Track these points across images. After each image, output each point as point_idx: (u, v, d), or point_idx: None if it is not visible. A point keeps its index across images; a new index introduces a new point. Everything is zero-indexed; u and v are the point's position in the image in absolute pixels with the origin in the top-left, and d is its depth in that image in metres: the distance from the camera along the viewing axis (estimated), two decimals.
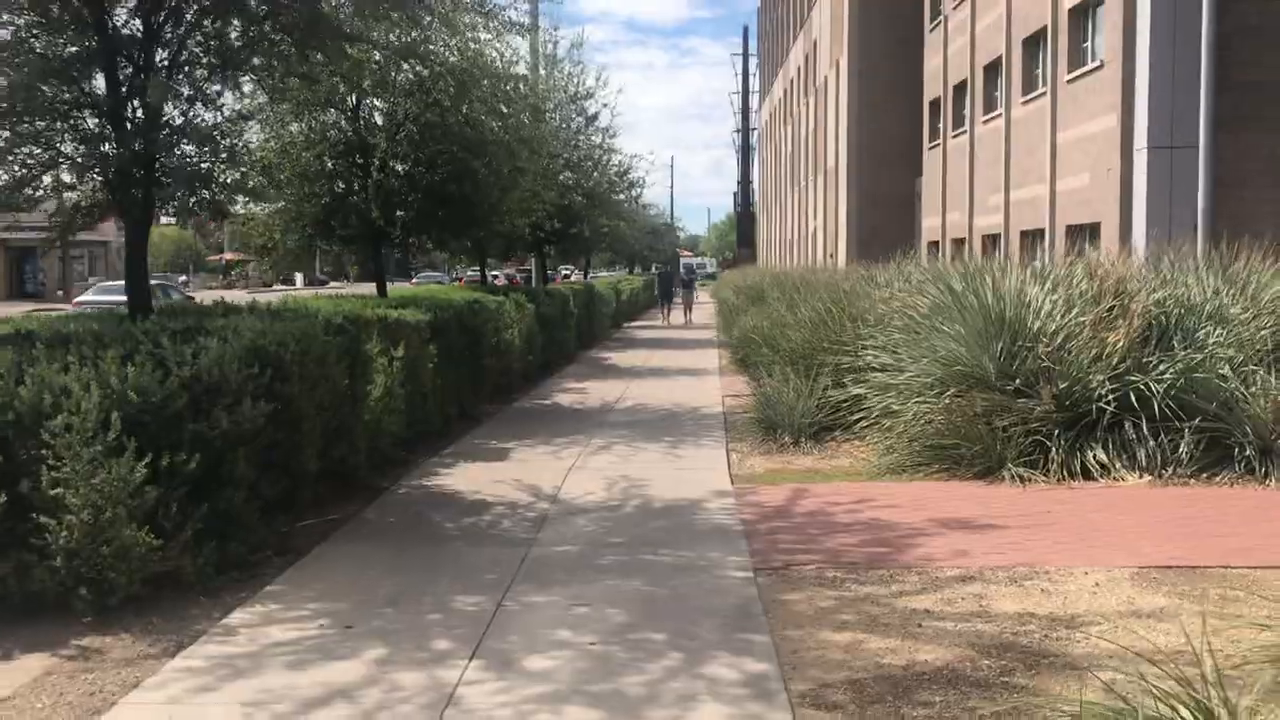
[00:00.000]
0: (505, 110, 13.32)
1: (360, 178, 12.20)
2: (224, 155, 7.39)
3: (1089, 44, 21.21)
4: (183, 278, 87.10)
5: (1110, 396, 9.20)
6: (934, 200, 32.56)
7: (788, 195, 58.90)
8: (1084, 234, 21.02)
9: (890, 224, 36.44)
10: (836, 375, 11.23)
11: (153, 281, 45.14)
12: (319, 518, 7.85)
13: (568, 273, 62.01)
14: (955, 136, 30.36)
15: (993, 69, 27.04)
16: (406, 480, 9.22)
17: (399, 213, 12.61)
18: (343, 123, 12.81)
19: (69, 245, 61.48)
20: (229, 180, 7.81)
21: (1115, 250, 17.81)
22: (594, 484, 8.89)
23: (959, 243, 30.20)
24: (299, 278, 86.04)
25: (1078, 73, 21.06)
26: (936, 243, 32.37)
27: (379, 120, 12.80)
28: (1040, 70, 23.99)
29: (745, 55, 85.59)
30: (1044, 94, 22.90)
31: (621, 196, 27.84)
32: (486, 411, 13.60)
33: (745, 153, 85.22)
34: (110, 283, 32.88)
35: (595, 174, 26.59)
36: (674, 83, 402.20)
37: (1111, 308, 10.08)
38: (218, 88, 7.84)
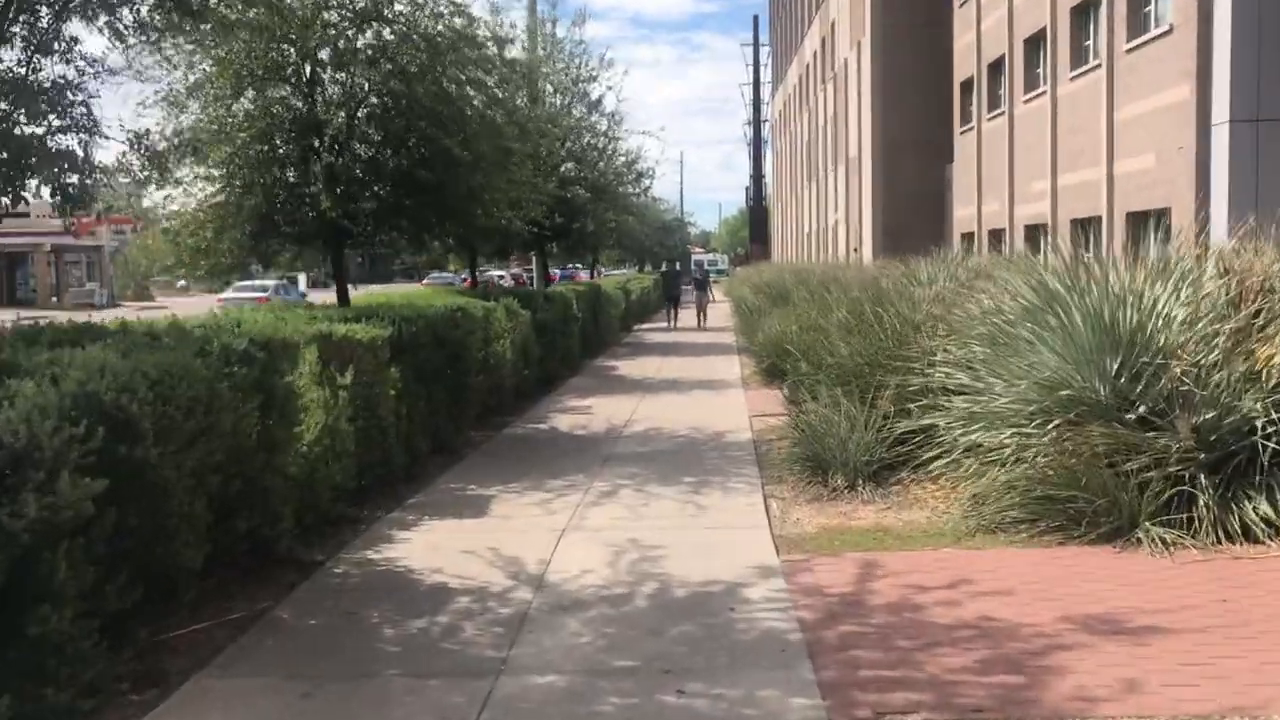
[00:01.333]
0: (488, 81, 11.11)
1: (313, 162, 9.97)
2: (68, 120, 5.21)
3: (1151, 8, 18.91)
4: (181, 282, 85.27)
5: (1271, 429, 6.98)
6: (967, 189, 30.26)
7: (804, 188, 56.61)
8: (1149, 221, 18.73)
9: (918, 216, 34.19)
10: (899, 398, 9.00)
11: (270, 281, 42.45)
12: (217, 619, 5.70)
13: (574, 270, 59.87)
14: (991, 119, 28.06)
15: (1034, 43, 24.74)
16: (349, 550, 7.04)
17: (360, 204, 10.41)
18: (293, 98, 10.64)
19: (60, 250, 59.12)
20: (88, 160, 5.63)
21: (1191, 239, 15.58)
22: (593, 555, 6.70)
23: (996, 234, 27.93)
24: (301, 279, 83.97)
25: (1139, 41, 18.76)
26: (971, 235, 30.09)
27: (337, 95, 10.60)
28: (1091, 41, 21.69)
29: (756, 44, 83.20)
30: (1097, 66, 20.60)
31: (629, 189, 25.62)
32: (470, 441, 11.43)
33: (757, 145, 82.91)
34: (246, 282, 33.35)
35: (600, 164, 24.43)
36: (683, 78, 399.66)
37: (1258, 312, 7.85)
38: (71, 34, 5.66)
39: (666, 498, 8.37)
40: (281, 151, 10.35)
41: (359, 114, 10.93)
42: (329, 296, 14.80)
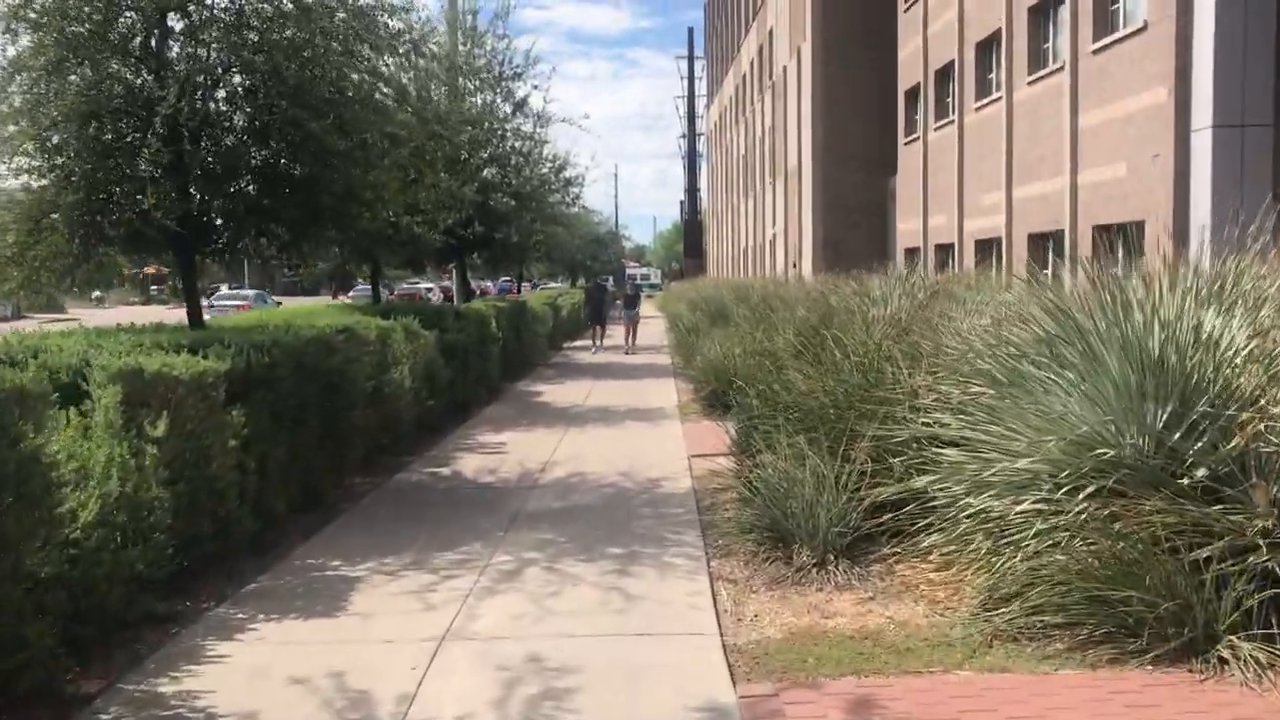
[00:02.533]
0: (370, 55, 9.13)
1: (142, 152, 7.88)
2: None
3: (1120, 4, 17.52)
4: (96, 293, 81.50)
5: None
6: (912, 202, 28.85)
7: (740, 201, 55.19)
8: (1119, 235, 17.26)
9: (860, 230, 32.81)
10: (878, 449, 7.20)
11: (249, 291, 43.06)
12: None
13: (510, 284, 57.52)
14: (939, 128, 26.66)
15: (987, 46, 23.36)
16: (136, 676, 5.05)
17: (209, 203, 8.37)
18: (128, 73, 8.58)
19: None
20: None
21: (1170, 254, 14.13)
22: (476, 688, 4.78)
23: (944, 249, 26.54)
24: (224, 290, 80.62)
25: (1107, 40, 17.35)
26: (915, 250, 28.69)
27: (184, 70, 8.55)
28: (1051, 43, 20.31)
29: (691, 54, 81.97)
30: (1059, 70, 19.19)
31: (557, 196, 23.71)
32: (351, 492, 9.44)
33: (692, 157, 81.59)
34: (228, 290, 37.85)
35: (525, 170, 22.51)
36: (618, 93, 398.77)
37: None
38: None
39: (585, 581, 6.47)
40: (110, 138, 8.26)
41: (215, 94, 8.90)
42: (305, 302, 12.71)
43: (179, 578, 6.20)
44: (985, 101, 23.27)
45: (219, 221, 8.92)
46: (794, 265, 36.68)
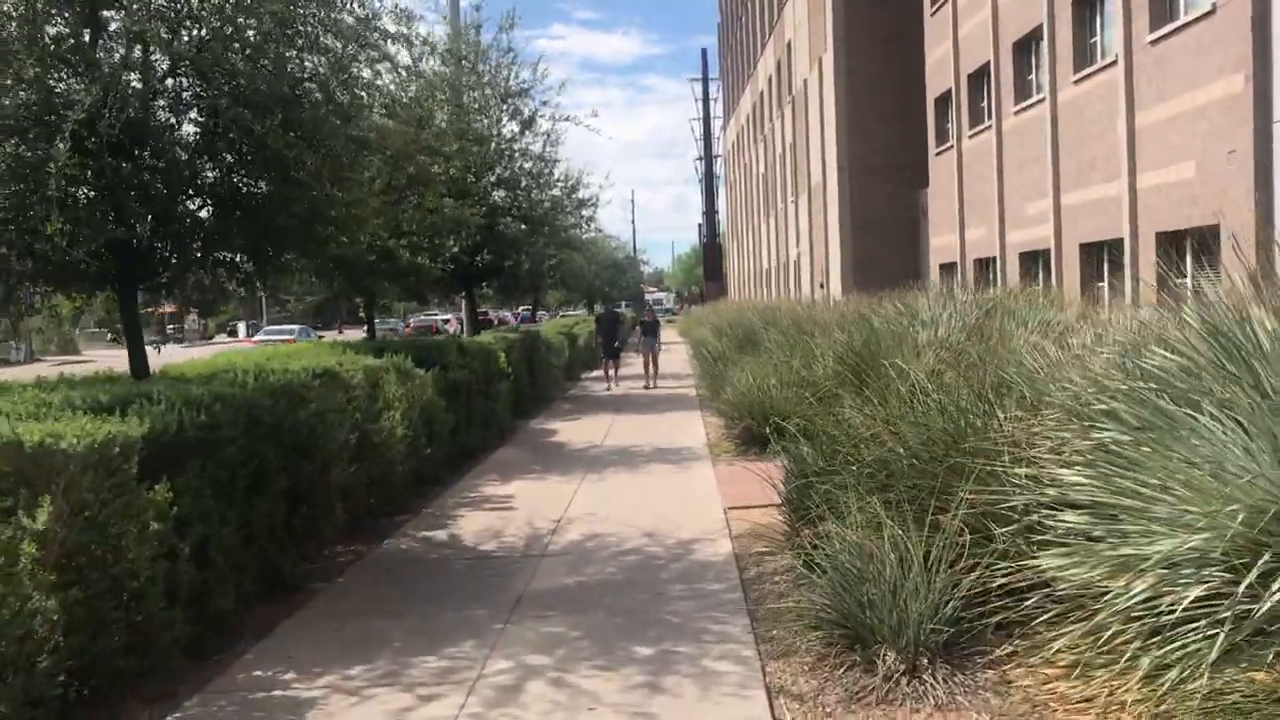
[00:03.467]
0: (335, 45, 7.69)
1: (50, 172, 6.44)
2: None
3: None
4: (110, 334, 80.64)
5: None
6: (947, 215, 27.31)
7: (761, 222, 53.75)
8: (1188, 241, 15.70)
9: (890, 247, 31.28)
10: (973, 513, 5.65)
11: (294, 326, 42.71)
12: None
13: (529, 314, 56.06)
14: (973, 136, 25.15)
15: (1026, 45, 21.87)
16: None
17: (139, 229, 6.95)
18: (48, 78, 7.20)
19: None
20: None
21: (1254, 261, 12.54)
22: None
23: (984, 264, 24.97)
24: (241, 327, 79.82)
25: (1168, 29, 15.82)
26: (951, 265, 27.13)
27: (109, 71, 7.15)
28: (1099, 37, 18.78)
29: (705, 75, 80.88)
30: (1111, 64, 17.65)
31: (570, 219, 22.30)
32: (330, 563, 7.99)
33: (709, 178, 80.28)
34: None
35: (536, 192, 21.14)
36: (633, 119, 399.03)
37: None
38: None
39: (605, 701, 4.94)
40: (24, 154, 6.85)
41: (156, 102, 7.50)
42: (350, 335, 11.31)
43: (76, 707, 4.74)
44: (1026, 104, 21.75)
45: (163, 250, 7.47)
46: (821, 285, 35.14)
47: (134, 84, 7.32)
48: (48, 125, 6.73)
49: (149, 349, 8.78)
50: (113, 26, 7.87)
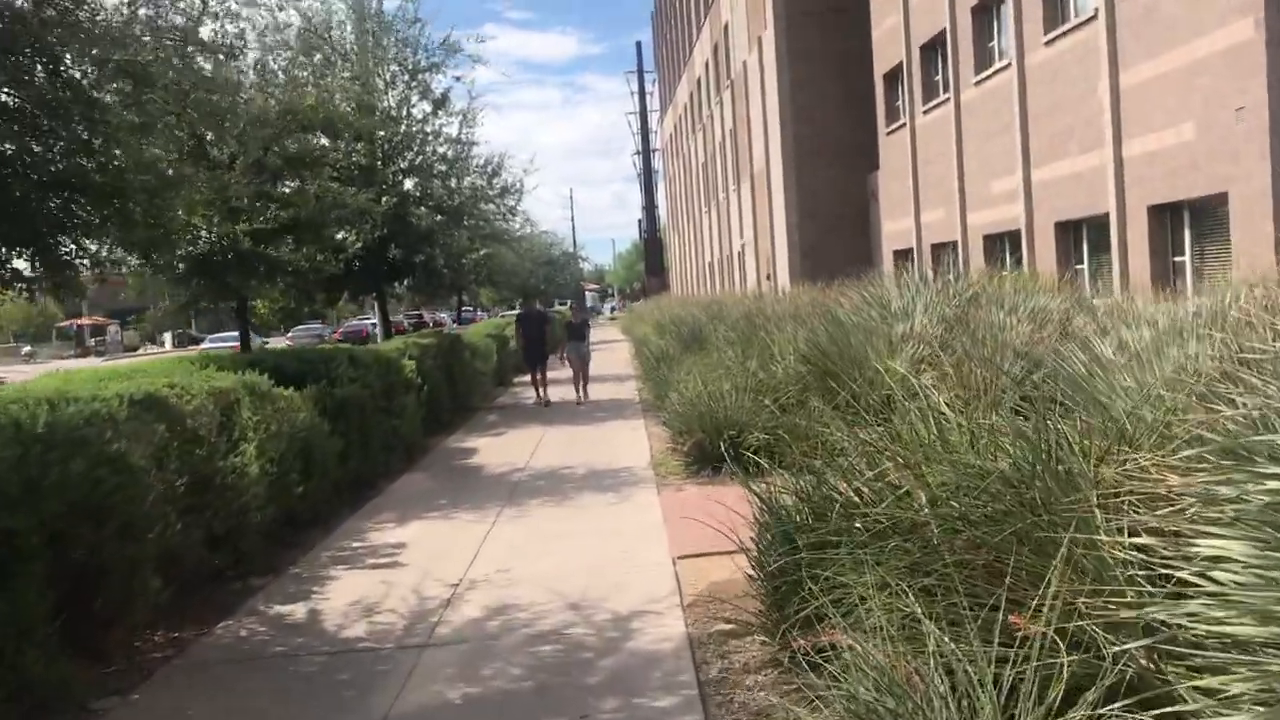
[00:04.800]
0: None
1: None
2: None
3: None
4: (26, 348, 76.87)
5: None
6: (900, 199, 25.51)
7: (703, 214, 51.84)
8: (1185, 213, 13.92)
9: (839, 234, 29.46)
10: (1058, 605, 3.60)
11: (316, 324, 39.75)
12: None
13: (472, 313, 53.08)
14: (928, 111, 23.35)
15: (986, 9, 20.08)
16: None
17: None
18: None
19: None
20: None
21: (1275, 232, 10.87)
22: None
23: (941, 250, 23.17)
24: (167, 337, 76.35)
25: None
26: (906, 252, 25.35)
27: None
28: None
29: (640, 69, 78.82)
30: (1090, 19, 15.85)
31: (492, 208, 20.06)
32: (137, 663, 5.78)
33: (647, 171, 78.24)
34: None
35: (451, 179, 18.91)
36: (571, 120, 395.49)
37: None
38: None
39: None
40: None
41: None
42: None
43: None
44: (988, 73, 19.95)
45: None
46: (768, 277, 33.25)
47: None
48: None
49: (59, 362, 6.52)
50: None
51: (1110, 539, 3.54)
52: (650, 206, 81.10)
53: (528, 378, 19.78)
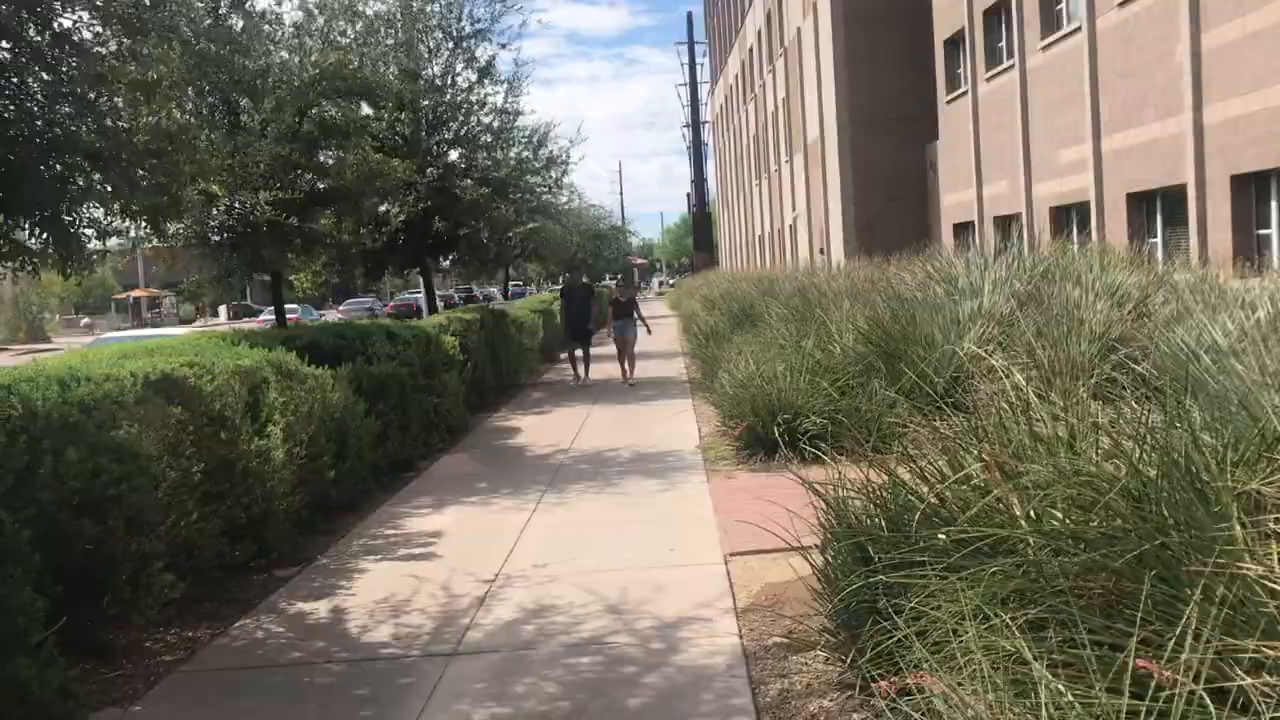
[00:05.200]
0: None
1: None
2: None
3: None
4: (85, 320, 77.91)
5: None
6: (960, 169, 24.61)
7: (752, 187, 50.97)
8: (1270, 184, 13.05)
9: (895, 207, 28.60)
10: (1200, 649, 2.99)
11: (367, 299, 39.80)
12: None
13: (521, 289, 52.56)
14: (991, 79, 22.41)
15: None
16: None
17: None
18: None
19: None
20: None
21: None
22: None
23: (1005, 222, 22.30)
24: (222, 310, 76.85)
25: None
26: (967, 225, 24.48)
27: None
28: None
29: (690, 40, 77.65)
30: None
31: (537, 179, 19.49)
32: (142, 668, 5.37)
33: (697, 144, 77.26)
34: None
35: (497, 151, 18.38)
36: (620, 94, 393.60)
37: None
38: None
39: None
40: None
41: None
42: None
43: None
44: (1056, 37, 19.01)
45: None
46: (821, 251, 32.45)
47: None
48: None
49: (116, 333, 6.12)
50: None
51: (1260, 567, 2.92)
52: (699, 180, 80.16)
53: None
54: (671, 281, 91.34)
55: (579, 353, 18.26)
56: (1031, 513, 3.73)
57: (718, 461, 10.07)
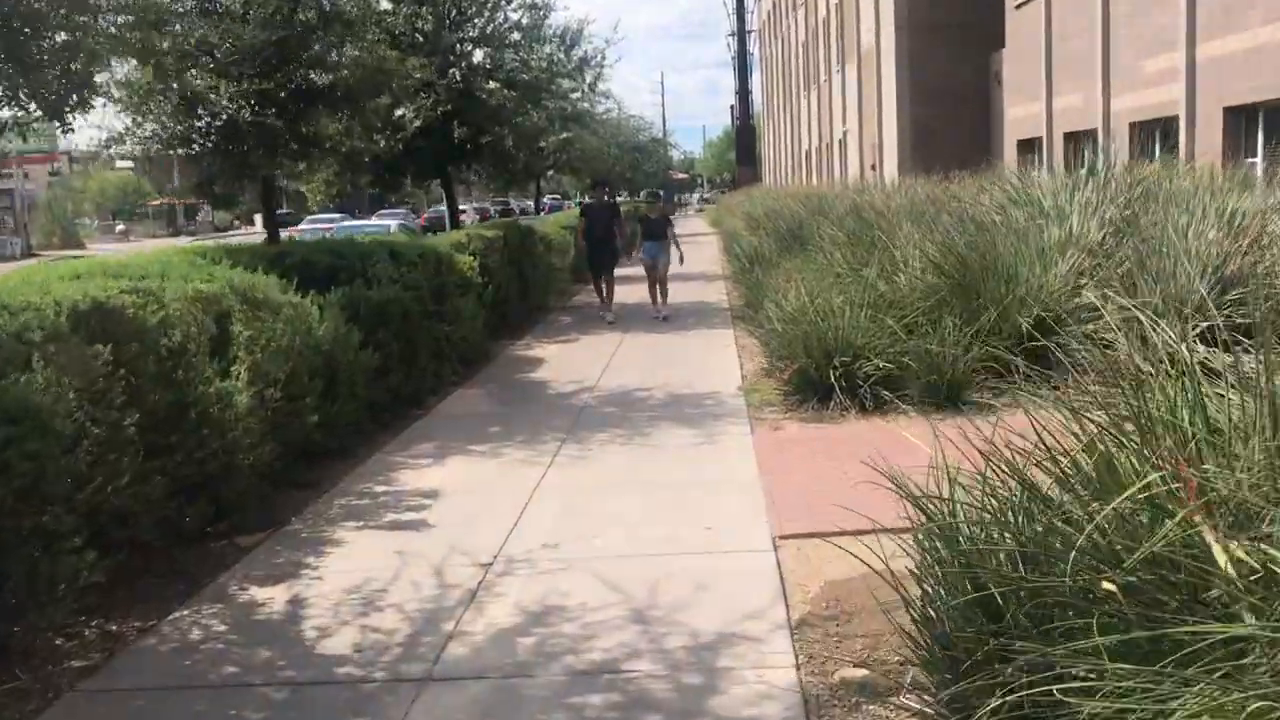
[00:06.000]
0: None
1: None
2: None
3: None
4: (120, 226, 77.24)
5: None
6: (1029, 81, 22.76)
7: (800, 100, 48.87)
8: None
9: (955, 121, 26.77)
10: None
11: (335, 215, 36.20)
12: None
13: (554, 203, 50.52)
14: None
15: None
16: None
17: None
18: None
19: None
20: None
21: None
22: None
23: (1076, 138, 20.55)
24: (259, 218, 75.80)
25: None
26: (1034, 140, 22.74)
27: None
28: None
29: None
30: None
31: (571, 83, 17.97)
32: (40, 682, 4.20)
33: (742, 55, 74.44)
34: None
35: (525, 50, 16.89)
36: (662, 1, 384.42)
37: None
38: None
39: None
40: None
41: None
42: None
43: None
44: None
45: None
46: (873, 167, 30.69)
47: None
48: None
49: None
50: None
51: None
52: (744, 92, 77.48)
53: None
54: (710, 197, 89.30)
55: (602, 281, 15.83)
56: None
57: (763, 407, 8.80)
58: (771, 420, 8.34)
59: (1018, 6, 23.40)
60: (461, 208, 54.90)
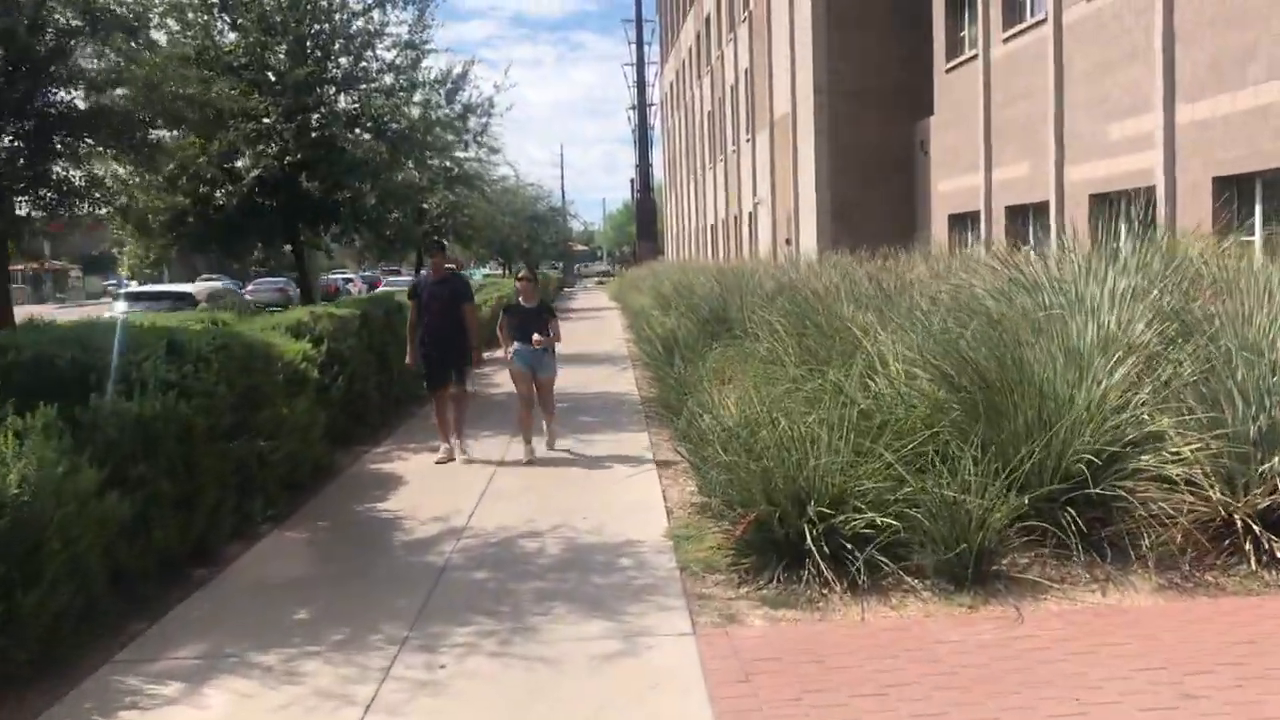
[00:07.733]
0: None
1: None
2: None
3: None
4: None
5: None
6: (962, 150, 20.84)
7: (704, 172, 47.05)
8: None
9: (877, 192, 24.82)
10: None
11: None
12: None
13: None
14: (1011, 38, 18.63)
15: None
16: None
17: None
18: None
19: None
20: None
21: None
22: None
23: (1020, 213, 18.58)
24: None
25: None
26: (969, 215, 20.75)
27: None
28: None
29: (639, 16, 73.25)
30: None
31: (452, 136, 15.19)
32: None
33: (643, 128, 72.95)
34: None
35: (399, 93, 14.17)
36: (564, 79, 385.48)
37: None
38: None
39: None
40: None
41: None
42: None
43: None
44: None
45: None
46: (788, 242, 28.56)
47: None
48: None
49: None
50: None
51: None
52: (644, 165, 75.88)
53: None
54: (612, 270, 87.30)
55: (437, 393, 10.36)
56: None
57: (705, 577, 6.04)
58: (721, 605, 5.58)
59: (949, 70, 21.57)
60: (348, 276, 51.26)
